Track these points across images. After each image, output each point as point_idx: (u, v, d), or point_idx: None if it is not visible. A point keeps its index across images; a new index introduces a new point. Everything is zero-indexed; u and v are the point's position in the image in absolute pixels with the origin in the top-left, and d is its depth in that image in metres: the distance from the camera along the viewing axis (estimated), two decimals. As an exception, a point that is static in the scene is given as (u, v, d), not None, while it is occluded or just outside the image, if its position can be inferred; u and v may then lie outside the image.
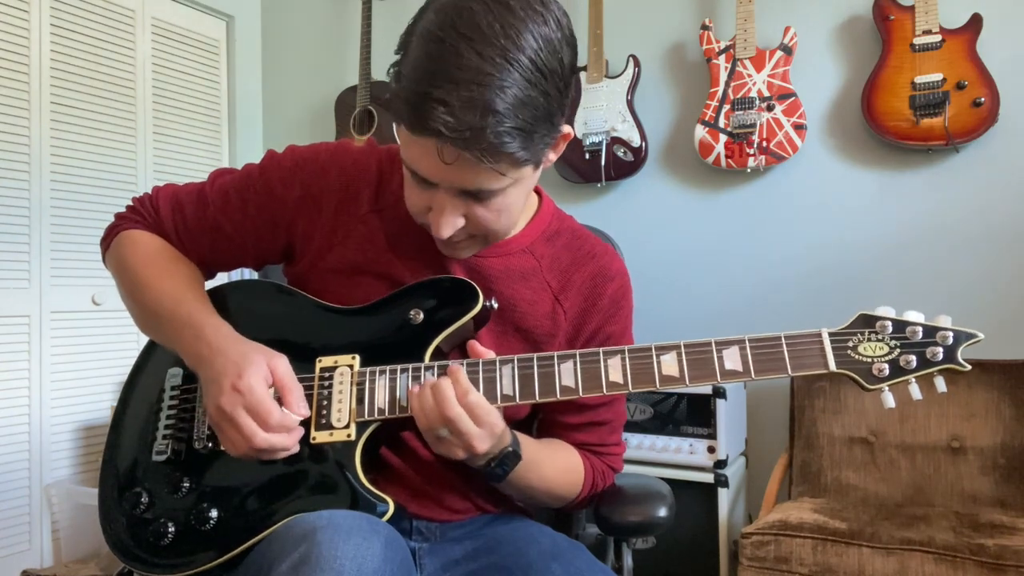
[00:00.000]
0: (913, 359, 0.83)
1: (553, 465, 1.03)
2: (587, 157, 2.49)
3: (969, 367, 0.83)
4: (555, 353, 0.90)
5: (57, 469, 2.56)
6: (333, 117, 3.00)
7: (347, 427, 0.89)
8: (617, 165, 2.47)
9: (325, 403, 0.91)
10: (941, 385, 0.84)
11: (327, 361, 0.93)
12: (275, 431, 0.85)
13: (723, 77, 2.31)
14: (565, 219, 1.10)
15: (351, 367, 0.92)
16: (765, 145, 2.25)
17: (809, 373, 0.85)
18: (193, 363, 0.93)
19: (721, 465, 2.03)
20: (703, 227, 2.47)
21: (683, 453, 2.05)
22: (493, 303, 0.96)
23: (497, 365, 0.90)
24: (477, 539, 1.00)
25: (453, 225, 0.88)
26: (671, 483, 1.18)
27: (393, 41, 0.84)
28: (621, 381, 0.87)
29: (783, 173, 2.34)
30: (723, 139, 2.30)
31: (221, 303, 1.01)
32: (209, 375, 0.89)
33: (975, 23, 2.05)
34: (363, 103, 2.87)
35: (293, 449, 0.87)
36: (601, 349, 0.89)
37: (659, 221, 2.53)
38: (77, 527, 2.54)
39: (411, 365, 0.91)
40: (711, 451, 2.03)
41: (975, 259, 2.13)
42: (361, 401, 0.90)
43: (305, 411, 0.89)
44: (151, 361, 1.06)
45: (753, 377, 0.85)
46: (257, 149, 3.25)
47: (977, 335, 0.84)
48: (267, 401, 0.85)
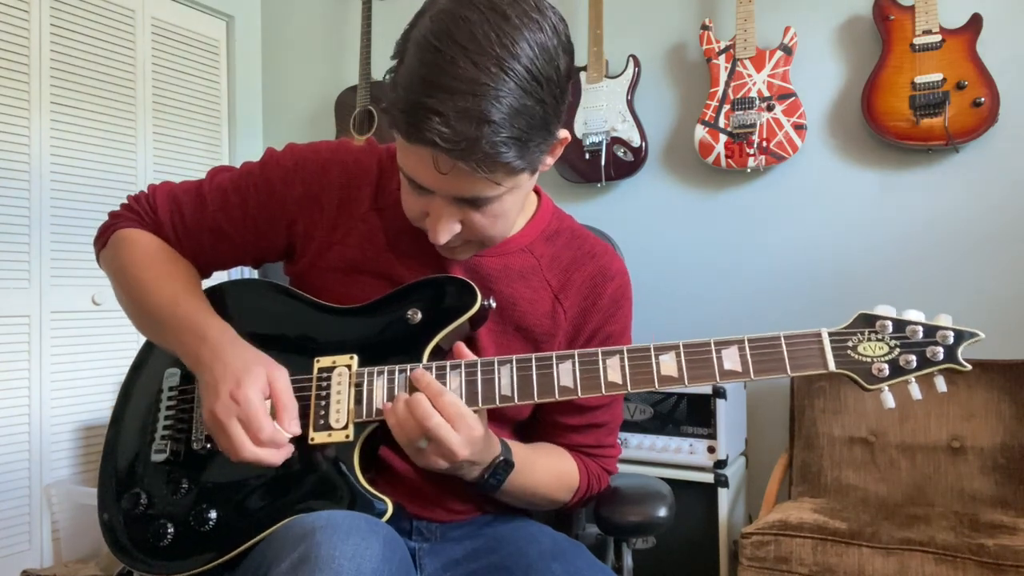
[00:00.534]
0: (913, 359, 0.83)
1: (547, 470, 1.03)
2: (587, 157, 2.48)
3: (969, 367, 0.83)
4: (553, 353, 0.89)
5: (57, 469, 2.56)
6: (333, 117, 3.00)
7: (345, 428, 0.89)
8: (617, 165, 2.47)
9: (323, 403, 0.90)
10: (941, 385, 0.84)
11: (325, 361, 0.93)
12: (265, 446, 0.85)
13: (723, 77, 2.31)
14: (564, 219, 1.09)
15: (349, 367, 0.92)
16: (765, 145, 2.25)
17: (809, 373, 0.84)
18: (193, 366, 0.93)
19: (721, 465, 2.03)
20: (703, 227, 2.47)
21: (683, 453, 2.05)
22: (491, 302, 0.95)
23: (495, 366, 0.89)
24: (477, 539, 1.00)
25: (450, 231, 0.88)
26: (671, 483, 1.18)
27: (393, 41, 0.84)
28: (620, 381, 0.87)
29: (783, 173, 2.34)
30: (723, 139, 2.30)
31: (219, 302, 1.01)
32: (208, 380, 0.88)
33: (975, 23, 2.05)
34: (363, 103, 2.87)
35: (277, 464, 0.86)
36: (600, 349, 0.88)
37: (659, 221, 2.53)
38: (77, 527, 2.54)
39: (409, 365, 0.91)
40: (711, 451, 2.03)
41: (975, 259, 2.13)
42: (359, 401, 0.90)
43: (297, 430, 0.88)
44: (149, 361, 1.05)
45: (752, 377, 0.84)
46: (257, 149, 3.25)
47: (978, 334, 0.83)
48: (260, 416, 0.84)
